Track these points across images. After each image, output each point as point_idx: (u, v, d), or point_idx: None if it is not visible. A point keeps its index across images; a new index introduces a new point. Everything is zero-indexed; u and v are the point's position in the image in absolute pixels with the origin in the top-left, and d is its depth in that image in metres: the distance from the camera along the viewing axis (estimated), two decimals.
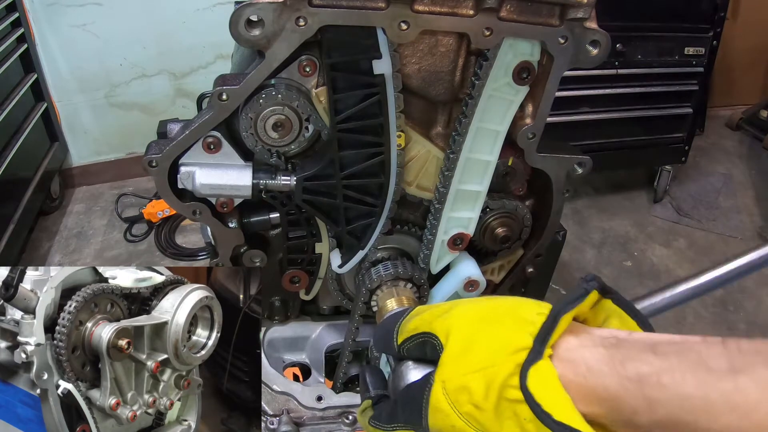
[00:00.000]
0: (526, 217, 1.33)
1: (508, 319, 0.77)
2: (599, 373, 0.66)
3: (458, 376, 0.76)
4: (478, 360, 0.75)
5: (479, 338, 0.77)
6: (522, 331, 0.73)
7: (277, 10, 0.99)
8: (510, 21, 1.03)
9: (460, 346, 0.79)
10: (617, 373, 0.64)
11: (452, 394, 0.76)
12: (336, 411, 1.41)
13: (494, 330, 0.77)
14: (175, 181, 1.17)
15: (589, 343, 0.70)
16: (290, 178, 1.18)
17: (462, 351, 0.78)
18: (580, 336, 0.73)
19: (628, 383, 0.63)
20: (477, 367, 0.74)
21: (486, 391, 0.72)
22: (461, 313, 0.83)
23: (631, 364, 0.64)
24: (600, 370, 0.66)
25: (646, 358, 0.64)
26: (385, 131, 1.13)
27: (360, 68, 1.07)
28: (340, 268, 1.31)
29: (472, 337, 0.78)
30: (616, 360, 0.66)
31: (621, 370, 0.64)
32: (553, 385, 0.68)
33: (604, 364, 0.66)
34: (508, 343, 0.73)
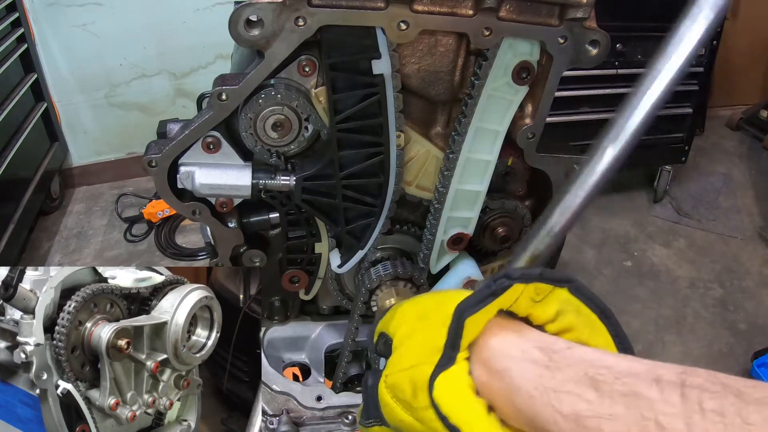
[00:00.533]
0: (526, 217, 1.33)
1: (434, 315, 0.73)
2: (527, 397, 0.60)
3: (393, 373, 0.74)
4: (406, 358, 0.73)
5: (411, 336, 0.76)
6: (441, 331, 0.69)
7: (277, 10, 0.99)
8: (509, 21, 1.03)
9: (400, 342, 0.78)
10: (550, 405, 0.58)
11: (391, 390, 0.74)
12: (336, 411, 1.41)
13: (423, 327, 0.74)
14: (174, 181, 1.17)
15: (517, 352, 0.65)
16: (290, 178, 1.18)
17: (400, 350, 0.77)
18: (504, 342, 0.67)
19: (561, 420, 0.57)
20: (405, 365, 0.72)
21: (413, 390, 0.69)
22: (403, 310, 0.82)
23: (567, 398, 0.57)
24: (528, 393, 0.60)
25: (586, 394, 0.57)
26: (384, 131, 1.13)
27: (359, 68, 1.07)
28: (339, 268, 1.31)
29: (407, 335, 0.77)
30: (549, 386, 0.59)
31: (555, 402, 0.58)
32: (462, 394, 0.64)
33: (534, 388, 0.60)
34: (431, 342, 0.70)
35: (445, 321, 0.69)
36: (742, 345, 3.33)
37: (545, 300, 0.71)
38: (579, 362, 0.60)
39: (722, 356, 3.28)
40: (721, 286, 3.74)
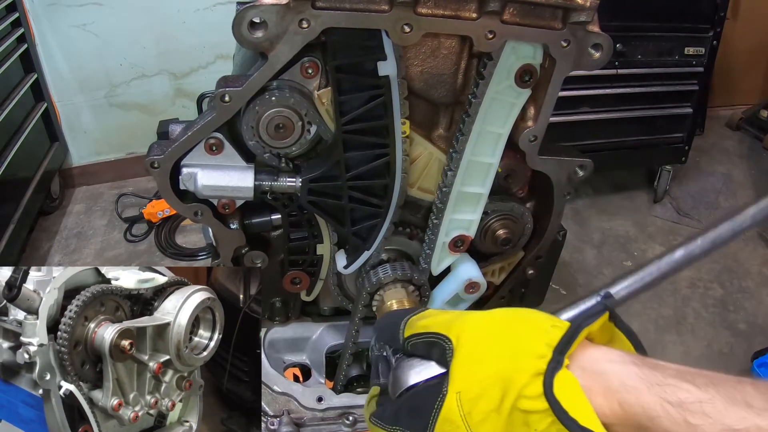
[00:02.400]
0: (527, 220, 1.33)
1: (522, 327, 0.79)
2: (636, 390, 0.69)
3: (473, 385, 0.77)
4: (493, 368, 0.76)
5: (493, 346, 0.78)
6: (538, 341, 0.75)
7: (281, 12, 0.99)
8: (513, 24, 1.03)
9: (474, 353, 0.79)
10: (657, 395, 0.67)
11: (466, 405, 0.76)
12: (336, 412, 1.42)
13: (508, 338, 0.78)
14: (177, 182, 1.17)
15: (617, 358, 0.73)
16: (295, 180, 1.18)
17: (476, 359, 0.78)
18: (602, 350, 0.76)
19: (669, 407, 0.66)
20: (492, 375, 0.75)
21: (501, 399, 0.74)
22: (475, 320, 0.84)
23: (670, 389, 0.67)
24: (637, 387, 0.69)
25: (685, 386, 0.67)
26: (390, 132, 1.14)
27: (365, 70, 1.08)
28: (345, 269, 1.31)
29: (486, 345, 0.79)
30: (653, 381, 0.69)
31: (661, 393, 0.67)
32: (577, 393, 0.70)
33: (641, 383, 0.69)
34: (524, 351, 0.75)
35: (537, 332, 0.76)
36: (742, 345, 3.33)
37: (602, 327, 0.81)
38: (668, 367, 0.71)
39: (722, 356, 3.28)
40: (721, 286, 3.74)
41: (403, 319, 0.91)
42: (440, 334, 0.84)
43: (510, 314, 0.83)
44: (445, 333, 0.83)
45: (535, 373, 0.72)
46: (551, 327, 0.76)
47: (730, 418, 0.64)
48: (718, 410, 0.64)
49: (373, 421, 0.88)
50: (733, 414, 0.64)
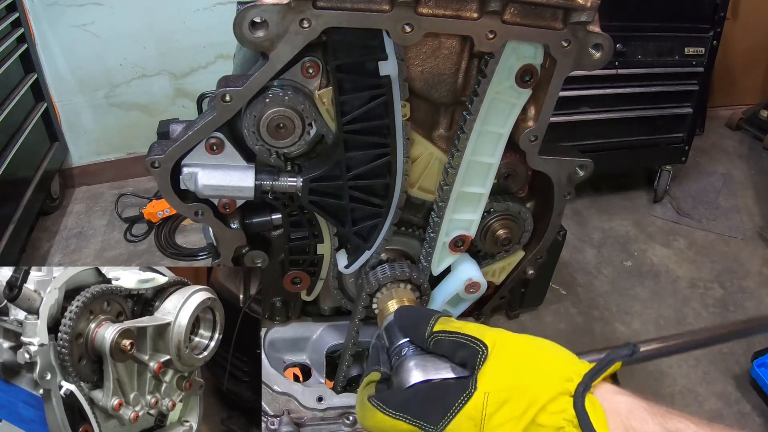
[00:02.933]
0: (528, 220, 1.33)
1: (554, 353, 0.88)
2: (641, 419, 0.78)
3: (502, 390, 0.82)
4: (524, 380, 0.82)
5: (526, 361, 0.85)
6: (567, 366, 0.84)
7: (282, 11, 0.99)
8: (513, 24, 1.03)
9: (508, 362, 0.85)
10: (659, 424, 0.77)
11: (491, 406, 0.81)
12: (336, 412, 1.42)
13: (541, 357, 0.86)
14: (177, 182, 1.17)
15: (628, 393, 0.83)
16: (296, 180, 1.18)
17: (509, 367, 0.85)
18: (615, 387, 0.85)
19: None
20: (522, 385, 0.82)
21: (525, 409, 0.80)
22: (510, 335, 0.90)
23: (671, 421, 0.77)
24: (642, 416, 0.78)
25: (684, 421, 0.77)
26: (391, 132, 1.14)
27: (366, 70, 1.08)
28: (346, 269, 1.31)
29: (520, 359, 0.86)
30: (657, 413, 0.78)
31: (663, 422, 0.77)
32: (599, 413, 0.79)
33: (647, 413, 0.79)
34: (554, 372, 0.83)
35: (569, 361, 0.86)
36: (742, 345, 3.33)
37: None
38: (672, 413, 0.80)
39: (722, 356, 3.28)
40: (721, 286, 3.74)
41: (431, 315, 0.95)
42: (475, 338, 0.88)
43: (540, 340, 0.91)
44: (479, 337, 0.88)
45: (560, 392, 0.81)
46: (576, 359, 0.86)
47: None
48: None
49: (374, 403, 0.89)
50: None
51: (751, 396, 3.04)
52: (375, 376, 0.96)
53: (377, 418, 0.87)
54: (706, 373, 3.19)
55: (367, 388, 0.94)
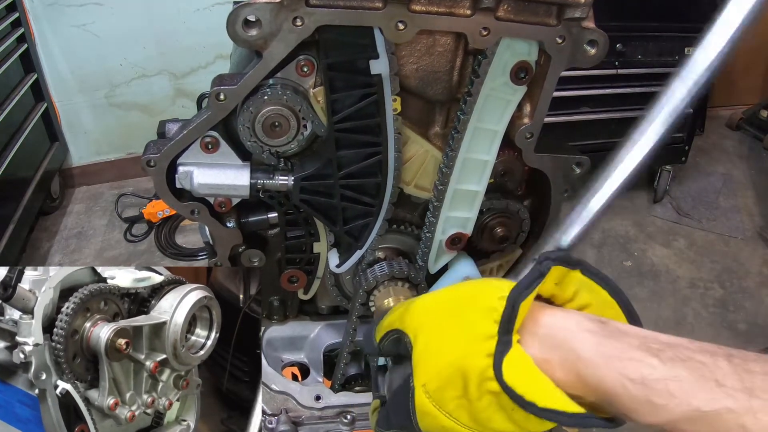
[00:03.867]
0: (525, 218, 1.33)
1: (469, 308, 0.75)
2: (592, 365, 0.65)
3: (434, 377, 0.75)
4: (449, 356, 0.74)
5: (445, 332, 0.76)
6: (485, 320, 0.71)
7: (274, 10, 0.99)
8: (507, 21, 1.03)
9: (428, 343, 0.78)
10: (616, 371, 0.63)
11: (434, 395, 0.75)
12: (334, 411, 1.41)
13: (458, 321, 0.75)
14: (173, 180, 1.17)
15: (574, 326, 0.69)
16: (288, 178, 1.18)
17: (432, 349, 0.77)
18: (559, 316, 0.72)
19: (629, 384, 0.62)
20: (449, 363, 0.73)
21: (464, 386, 0.71)
22: (423, 307, 0.82)
23: (631, 364, 0.63)
24: (593, 361, 0.65)
25: (648, 360, 0.62)
26: (382, 131, 1.13)
27: (357, 68, 1.07)
28: (337, 268, 1.31)
29: (438, 333, 0.77)
30: (612, 354, 0.64)
31: (621, 369, 0.63)
32: (530, 372, 0.67)
33: (597, 356, 0.65)
34: (474, 334, 0.72)
35: (484, 310, 0.72)
36: (742, 345, 3.32)
37: (564, 281, 0.77)
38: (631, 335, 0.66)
39: None
40: (721, 286, 3.74)
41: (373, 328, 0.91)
42: (397, 330, 0.83)
43: (455, 293, 0.81)
44: (400, 327, 0.83)
45: (488, 354, 0.69)
46: (498, 300, 0.71)
47: (697, 398, 0.59)
48: (684, 389, 0.60)
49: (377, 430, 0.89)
50: (701, 394, 0.59)
51: None
52: (376, 403, 0.95)
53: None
54: None
55: (374, 416, 0.94)
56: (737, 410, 0.57)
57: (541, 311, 0.73)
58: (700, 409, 0.59)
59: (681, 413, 0.60)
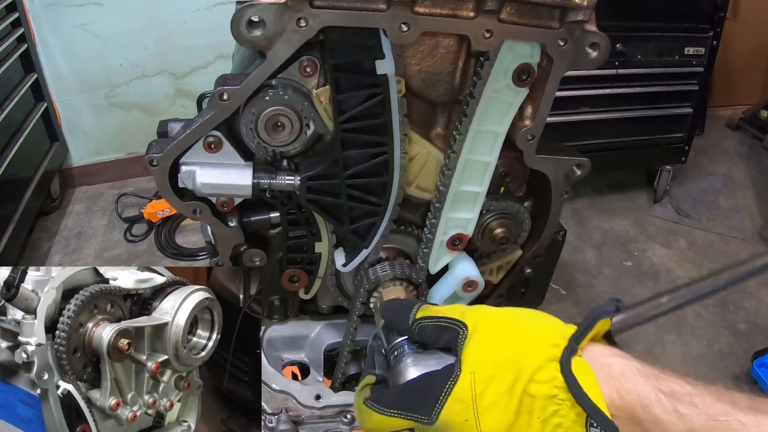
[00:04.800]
0: (525, 219, 1.33)
1: (535, 321, 0.86)
2: (634, 380, 0.76)
3: (488, 366, 0.81)
4: (508, 352, 0.81)
5: (508, 334, 0.84)
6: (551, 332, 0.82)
7: (279, 11, 1.00)
8: (510, 23, 1.03)
9: (489, 338, 0.84)
10: (653, 385, 0.75)
11: (479, 384, 0.80)
12: (334, 410, 1.41)
13: (522, 328, 0.85)
14: (175, 180, 1.18)
15: (620, 354, 0.81)
16: (294, 178, 1.18)
17: (491, 343, 0.83)
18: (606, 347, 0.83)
19: (662, 396, 0.73)
20: (507, 358, 0.80)
21: (513, 381, 0.79)
22: (489, 311, 0.89)
23: (665, 381, 0.75)
24: (635, 378, 0.76)
25: (679, 381, 0.75)
26: (388, 131, 1.14)
27: (363, 69, 1.08)
28: (344, 267, 1.31)
29: (501, 333, 0.84)
30: (650, 374, 0.76)
31: (656, 384, 0.75)
32: (590, 376, 0.77)
33: (640, 375, 0.76)
34: (538, 339, 0.82)
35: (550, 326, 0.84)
36: (742, 345, 3.33)
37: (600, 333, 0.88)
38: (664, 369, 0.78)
39: (722, 356, 3.28)
40: None
41: (414, 304, 0.94)
42: (455, 320, 0.87)
43: (522, 310, 0.89)
44: (459, 318, 0.87)
45: (548, 359, 0.79)
46: (561, 324, 0.84)
47: (715, 410, 0.71)
48: (705, 403, 0.71)
49: (368, 404, 0.89)
50: (719, 408, 0.71)
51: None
52: (370, 379, 0.95)
53: (374, 419, 0.87)
54: (706, 374, 3.18)
55: (363, 392, 0.93)
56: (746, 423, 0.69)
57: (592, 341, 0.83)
58: (716, 419, 0.70)
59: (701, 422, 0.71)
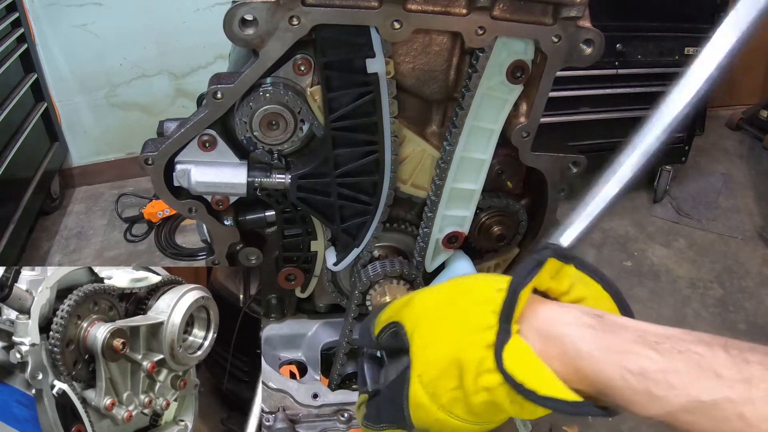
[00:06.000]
0: (522, 216, 1.33)
1: (467, 300, 0.76)
2: (592, 358, 0.65)
3: (431, 367, 0.75)
4: (446, 347, 0.74)
5: (443, 324, 0.77)
6: (483, 311, 0.72)
7: (271, 9, 0.99)
8: (503, 20, 1.03)
9: (426, 334, 0.78)
10: (616, 363, 0.63)
11: (429, 387, 0.75)
12: (331, 408, 1.42)
13: (455, 313, 0.76)
14: (171, 178, 1.18)
15: (572, 320, 0.69)
16: (285, 176, 1.18)
17: (429, 340, 0.77)
18: (556, 310, 0.72)
19: (629, 376, 0.62)
20: (446, 354, 0.73)
21: (460, 377, 0.71)
22: (421, 300, 0.82)
23: (630, 357, 0.63)
24: (592, 354, 0.65)
25: (647, 353, 0.62)
26: (379, 130, 1.13)
27: (354, 67, 1.08)
28: (335, 266, 1.31)
29: (436, 324, 0.78)
30: (611, 347, 0.65)
31: (621, 360, 0.63)
32: (530, 361, 0.68)
33: (596, 349, 0.65)
34: (471, 324, 0.72)
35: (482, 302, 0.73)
36: None
37: (559, 275, 0.77)
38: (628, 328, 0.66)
39: None
40: (721, 286, 3.73)
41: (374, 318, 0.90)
42: (396, 323, 0.83)
43: (454, 286, 0.81)
44: (398, 320, 0.83)
45: (486, 345, 0.70)
46: (496, 292, 0.72)
47: (696, 389, 0.59)
48: (683, 381, 0.60)
49: (365, 424, 0.89)
50: (700, 384, 0.59)
51: None
52: (363, 398, 0.94)
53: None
54: None
55: (360, 410, 0.93)
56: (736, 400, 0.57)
57: (539, 304, 0.73)
58: (699, 399, 0.59)
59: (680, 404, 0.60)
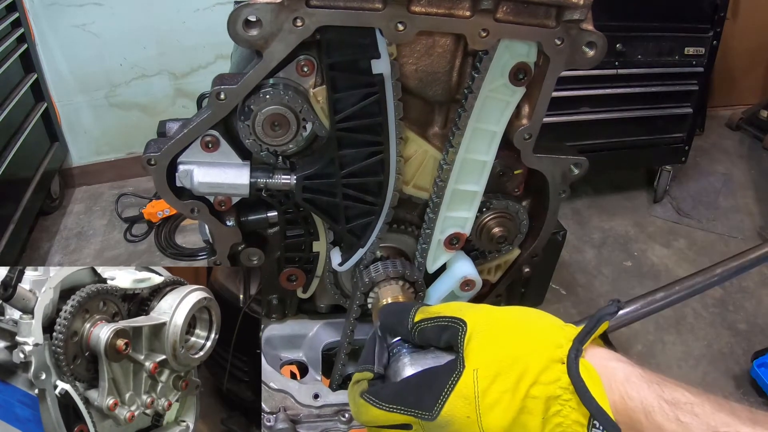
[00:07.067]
0: (523, 218, 1.33)
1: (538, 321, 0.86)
2: (637, 386, 0.76)
3: (492, 363, 0.80)
4: (511, 351, 0.81)
5: (511, 332, 0.83)
6: (555, 332, 0.82)
7: (275, 10, 1.00)
8: (506, 22, 1.03)
9: (492, 336, 0.83)
10: (656, 392, 0.75)
11: (482, 382, 0.79)
12: (332, 409, 1.41)
13: (525, 327, 0.84)
14: (173, 179, 1.18)
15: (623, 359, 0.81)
16: (290, 177, 1.18)
17: (494, 341, 0.82)
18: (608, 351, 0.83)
19: (664, 404, 0.74)
20: (511, 356, 0.80)
21: (517, 381, 0.78)
22: (490, 308, 0.89)
23: (668, 389, 0.75)
24: (638, 383, 0.77)
25: (681, 390, 0.75)
26: (384, 130, 1.14)
27: (359, 68, 1.08)
28: (340, 266, 1.31)
29: (504, 330, 0.84)
30: (653, 381, 0.77)
31: (659, 391, 0.75)
32: (595, 379, 0.77)
33: (643, 381, 0.77)
34: (542, 339, 0.82)
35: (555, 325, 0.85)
36: (742, 345, 3.33)
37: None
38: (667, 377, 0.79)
39: (722, 356, 3.28)
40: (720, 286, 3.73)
41: (412, 308, 0.93)
42: (455, 318, 0.87)
43: (521, 309, 0.89)
44: (460, 317, 0.86)
45: (552, 360, 0.79)
46: (562, 324, 0.84)
47: (716, 421, 0.71)
48: (706, 413, 0.72)
49: (366, 398, 0.88)
50: (719, 418, 0.71)
51: (751, 396, 3.04)
52: (367, 375, 0.94)
53: (372, 413, 0.87)
54: (706, 373, 3.19)
55: (358, 385, 0.93)
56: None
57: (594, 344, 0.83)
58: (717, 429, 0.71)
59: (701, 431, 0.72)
